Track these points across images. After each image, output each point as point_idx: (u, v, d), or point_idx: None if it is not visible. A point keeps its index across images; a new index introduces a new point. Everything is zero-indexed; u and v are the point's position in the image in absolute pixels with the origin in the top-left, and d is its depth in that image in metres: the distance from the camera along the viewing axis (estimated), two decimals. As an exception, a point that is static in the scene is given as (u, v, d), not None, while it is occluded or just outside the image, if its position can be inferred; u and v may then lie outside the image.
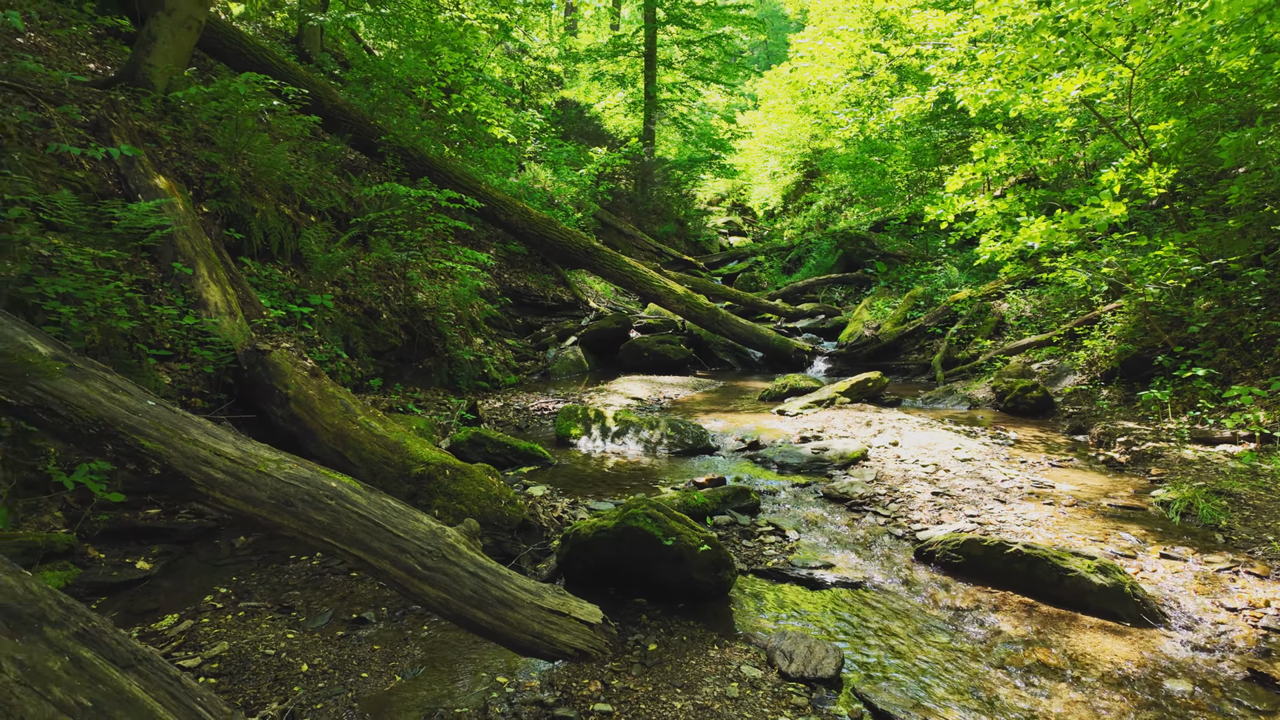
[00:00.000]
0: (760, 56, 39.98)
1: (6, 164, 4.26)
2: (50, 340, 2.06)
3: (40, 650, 1.10)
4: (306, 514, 2.00)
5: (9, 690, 1.05)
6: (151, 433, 1.99)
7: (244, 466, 2.04)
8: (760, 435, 6.41)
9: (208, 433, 2.10)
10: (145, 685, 1.16)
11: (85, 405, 1.95)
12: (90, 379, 2.01)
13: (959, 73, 7.34)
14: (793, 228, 21.82)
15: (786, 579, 3.72)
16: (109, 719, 1.09)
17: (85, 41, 8.23)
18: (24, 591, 1.15)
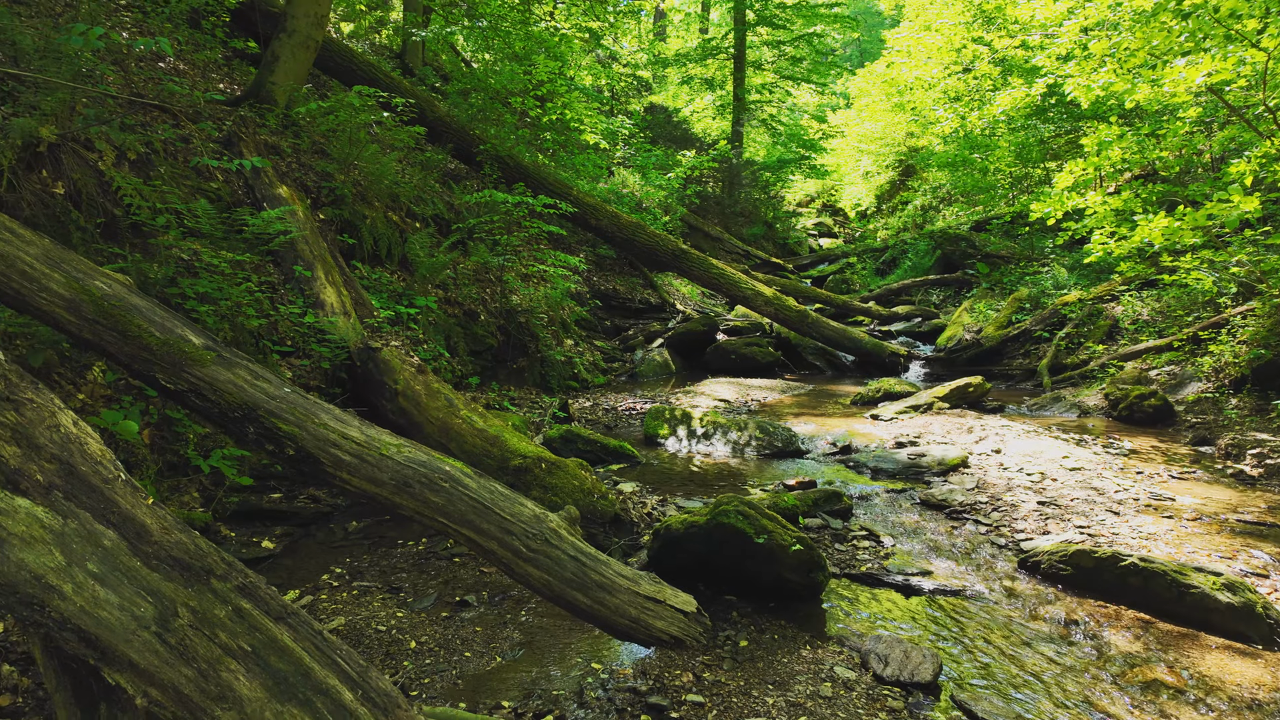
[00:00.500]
0: (853, 54, 39.09)
1: (154, 177, 4.70)
2: (201, 332, 2.29)
3: (208, 599, 1.24)
4: (423, 495, 2.14)
5: (184, 633, 1.20)
6: (288, 417, 2.18)
7: (368, 450, 2.21)
8: (852, 439, 6.29)
9: (336, 418, 2.28)
10: (294, 636, 1.29)
11: (231, 391, 2.16)
12: (235, 367, 2.22)
13: (1069, 63, 6.96)
14: (886, 228, 21.21)
15: (881, 584, 3.65)
16: (264, 662, 1.23)
17: (216, 64, 8.94)
18: (194, 548, 1.30)
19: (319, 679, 1.25)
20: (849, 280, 17.54)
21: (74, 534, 1.20)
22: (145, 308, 2.20)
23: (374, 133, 10.02)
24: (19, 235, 2.06)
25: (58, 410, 1.31)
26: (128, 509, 1.27)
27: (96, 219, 4.12)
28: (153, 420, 3.73)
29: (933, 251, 15.42)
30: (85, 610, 1.15)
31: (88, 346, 2.15)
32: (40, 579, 1.15)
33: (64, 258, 2.15)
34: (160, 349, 2.11)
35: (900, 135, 21.94)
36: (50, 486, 1.23)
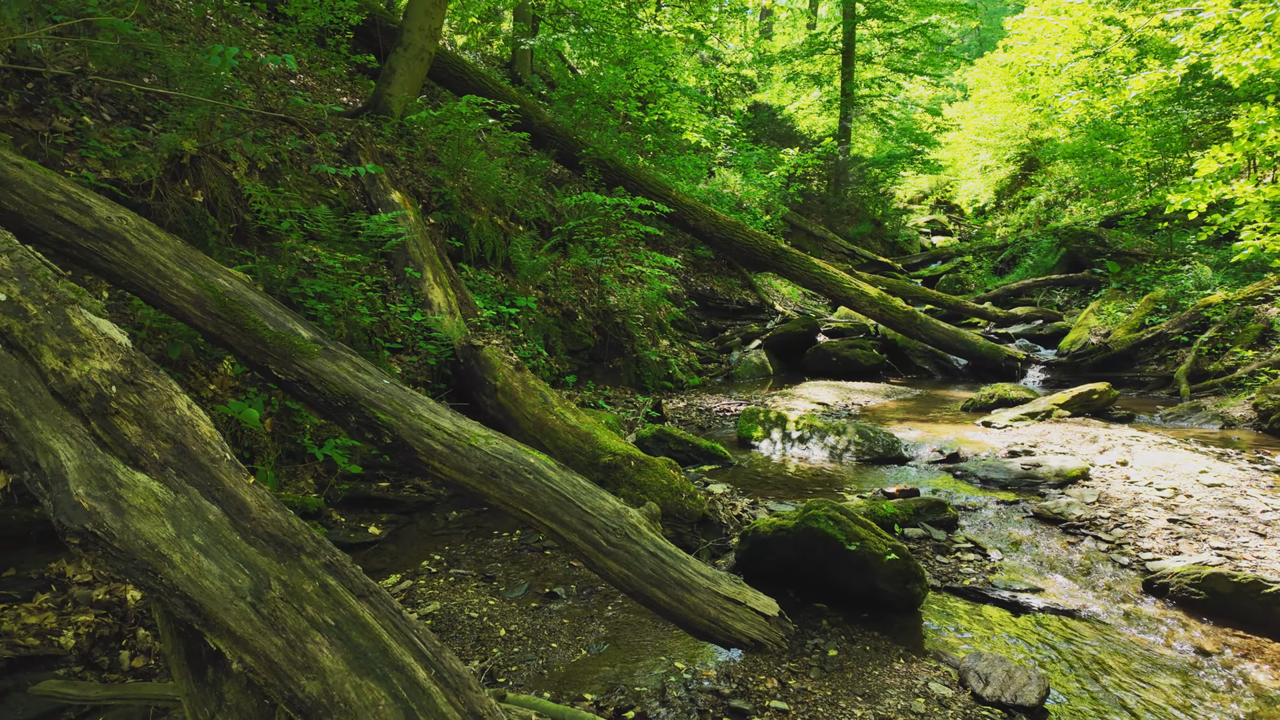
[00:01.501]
0: (972, 44, 37.17)
1: (280, 184, 5.07)
2: (310, 326, 2.46)
3: (298, 574, 1.33)
4: (509, 486, 2.21)
5: (275, 604, 1.29)
6: (385, 407, 2.31)
7: (458, 440, 2.29)
8: (961, 447, 5.98)
9: (430, 409, 2.39)
10: (374, 614, 1.36)
11: (335, 382, 2.30)
12: (340, 360, 2.37)
13: (1216, 40, 6.33)
14: (1006, 225, 20.03)
15: (985, 600, 3.45)
16: (346, 637, 1.30)
17: (339, 78, 9.53)
18: (288, 526, 1.40)
19: (396, 656, 1.31)
20: (963, 280, 16.69)
21: (183, 508, 1.31)
22: (260, 303, 2.38)
23: (482, 140, 10.43)
24: (155, 237, 2.28)
25: (174, 394, 1.44)
26: (231, 487, 1.38)
27: (230, 224, 4.49)
28: (274, 410, 4.02)
29: (1056, 249, 14.43)
30: (191, 579, 1.26)
31: (212, 339, 2.35)
32: (154, 548, 1.27)
33: (192, 257, 2.36)
34: (273, 341, 2.28)
35: (1022, 127, 20.64)
36: (165, 464, 1.35)
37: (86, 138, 3.95)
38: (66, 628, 2.50)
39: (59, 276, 1.49)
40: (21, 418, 1.33)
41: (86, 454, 1.31)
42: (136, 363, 1.43)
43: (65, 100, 4.07)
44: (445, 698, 1.27)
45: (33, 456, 1.31)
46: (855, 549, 2.98)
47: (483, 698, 1.33)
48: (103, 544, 1.26)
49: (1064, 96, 10.23)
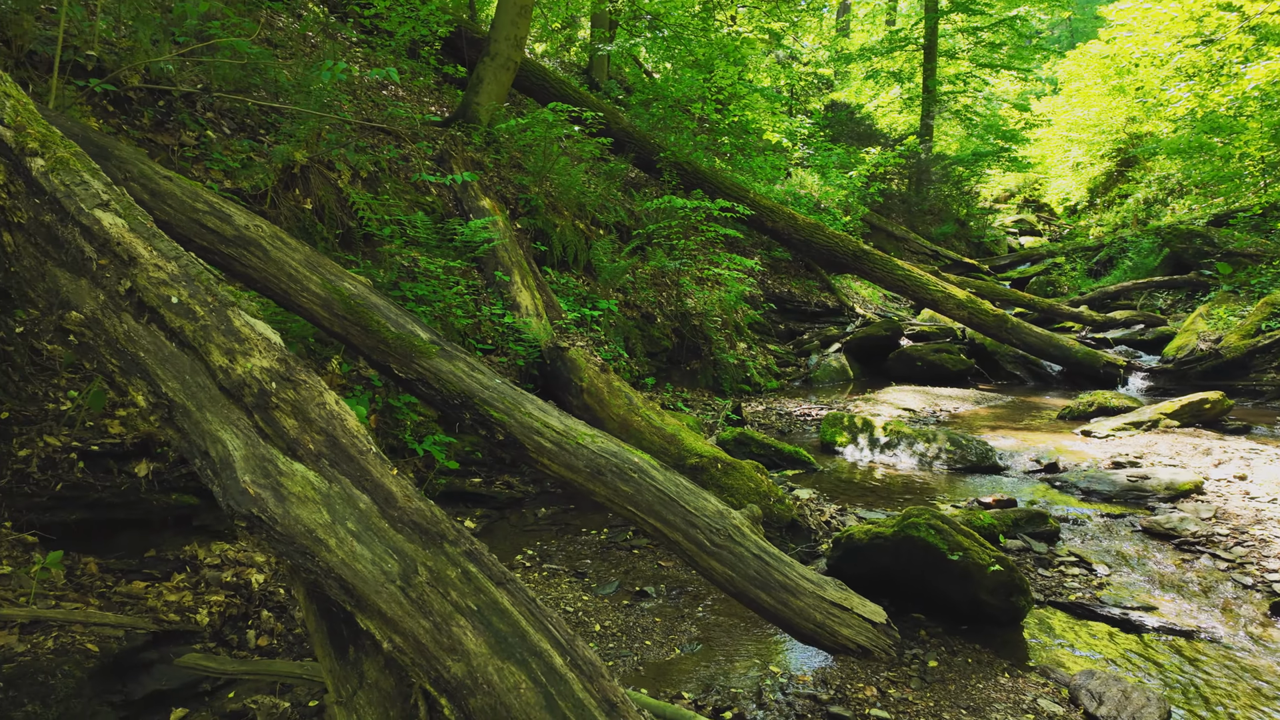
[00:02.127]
0: (1063, 36, 35.54)
1: (381, 192, 5.31)
2: (427, 328, 2.58)
3: (442, 561, 1.41)
4: (614, 484, 2.26)
5: (422, 589, 1.37)
6: (498, 405, 2.40)
7: (566, 438, 2.36)
8: (1059, 457, 5.73)
9: (539, 408, 2.47)
10: (512, 600, 1.42)
11: (452, 380, 2.41)
12: (455, 360, 2.48)
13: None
14: (1101, 225, 19.02)
15: (1093, 616, 3.30)
16: (487, 622, 1.36)
17: (429, 89, 9.87)
18: (430, 515, 1.48)
19: (534, 641, 1.37)
20: (1055, 282, 15.96)
21: (337, 496, 1.41)
22: (383, 306, 2.52)
23: (564, 146, 10.63)
24: (287, 243, 2.46)
25: (324, 390, 1.55)
26: (378, 477, 1.47)
27: (336, 230, 4.74)
28: (378, 408, 4.21)
29: (1158, 250, 13.62)
30: (345, 563, 1.35)
31: (337, 339, 2.50)
32: (311, 532, 1.37)
33: (320, 262, 2.52)
34: (394, 342, 2.41)
35: (1119, 121, 19.57)
36: (319, 454, 1.45)
37: (210, 150, 4.24)
38: (201, 606, 2.69)
39: (218, 280, 1.62)
40: (193, 410, 1.45)
41: (250, 444, 1.42)
42: (290, 360, 1.55)
43: (191, 116, 4.38)
44: (581, 684, 1.32)
45: (203, 446, 1.43)
46: (958, 559, 2.91)
47: (614, 686, 1.37)
48: (266, 528, 1.37)
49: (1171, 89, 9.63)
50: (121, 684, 2.21)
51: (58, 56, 3.17)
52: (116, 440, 2.64)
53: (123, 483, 2.64)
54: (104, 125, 3.72)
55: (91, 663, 2.08)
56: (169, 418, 1.48)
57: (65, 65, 3.82)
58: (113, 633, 2.17)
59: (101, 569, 2.49)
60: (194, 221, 2.31)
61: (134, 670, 2.33)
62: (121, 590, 2.46)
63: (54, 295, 1.52)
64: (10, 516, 2.33)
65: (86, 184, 1.59)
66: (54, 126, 1.72)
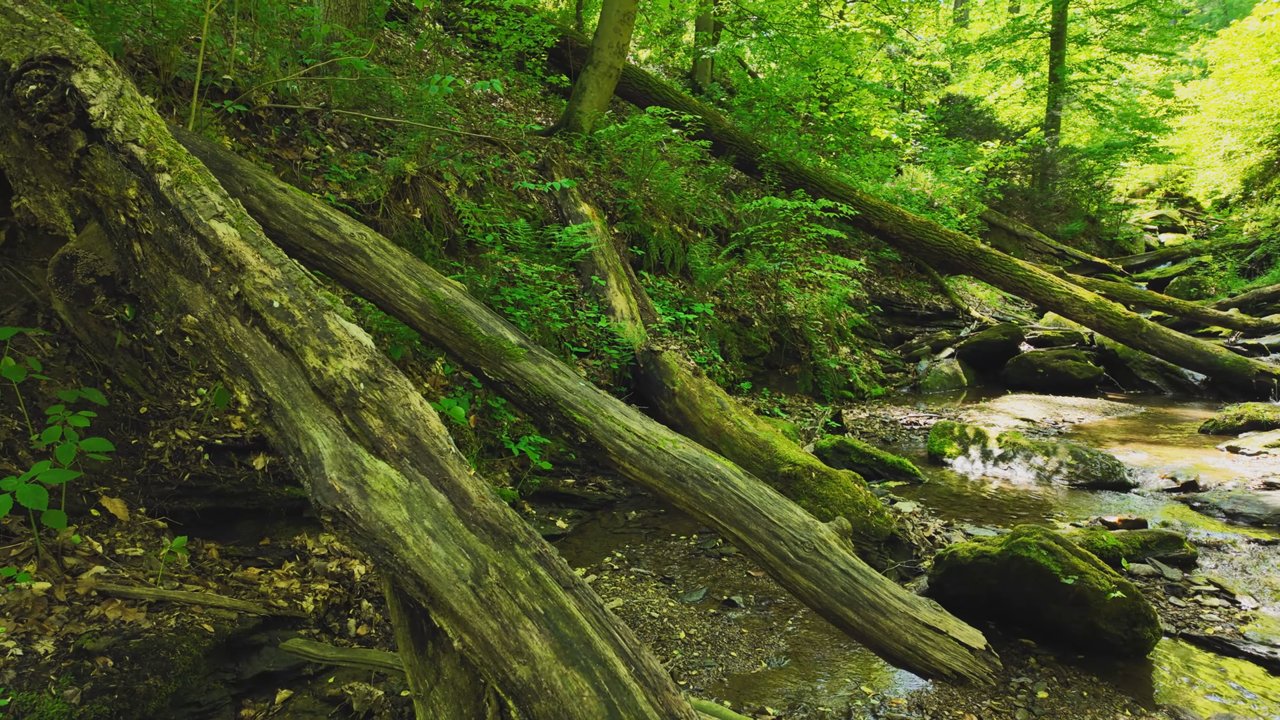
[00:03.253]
0: (1214, 13, 32.43)
1: (485, 200, 5.50)
2: (517, 331, 2.64)
3: (512, 563, 1.43)
4: (695, 490, 2.23)
5: (492, 589, 1.39)
6: (581, 408, 2.42)
7: (647, 443, 2.35)
8: (1199, 475, 5.20)
9: (621, 412, 2.48)
10: (579, 606, 1.42)
11: (538, 383, 2.46)
12: (542, 363, 2.53)
13: None
14: (1257, 220, 17.18)
15: (1234, 653, 2.96)
16: (553, 626, 1.37)
17: (535, 99, 10.16)
18: (503, 516, 1.51)
19: (599, 649, 1.36)
20: (1201, 283, 14.55)
21: (416, 494, 1.46)
22: (475, 310, 2.60)
23: (664, 150, 10.66)
24: (389, 250, 2.58)
25: (409, 392, 1.61)
26: (455, 477, 1.51)
27: (443, 238, 4.95)
28: (477, 408, 4.36)
29: (1327, 246, 12.17)
30: (421, 560, 1.40)
31: (432, 342, 2.61)
32: (391, 529, 1.42)
33: (418, 268, 2.64)
34: (484, 345, 2.48)
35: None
36: (401, 454, 1.51)
37: (329, 164, 4.52)
38: (307, 594, 2.86)
39: (318, 286, 1.72)
40: (288, 408, 1.55)
41: (339, 442, 1.50)
42: (379, 362, 1.62)
43: (313, 132, 4.69)
44: (644, 696, 1.30)
45: (296, 443, 1.52)
46: (1072, 583, 2.68)
47: (680, 700, 1.34)
48: (349, 523, 1.44)
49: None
50: (234, 663, 2.38)
51: (197, 82, 3.48)
52: (238, 435, 2.86)
53: (242, 475, 2.85)
54: (235, 143, 4.05)
55: (207, 642, 2.25)
56: (268, 415, 1.58)
57: (204, 89, 4.18)
58: (228, 615, 2.34)
59: (221, 555, 2.70)
60: (304, 230, 2.48)
61: (245, 651, 2.50)
62: (238, 575, 2.65)
63: (174, 300, 1.66)
64: (145, 503, 2.57)
65: (205, 196, 1.73)
66: (181, 144, 1.88)
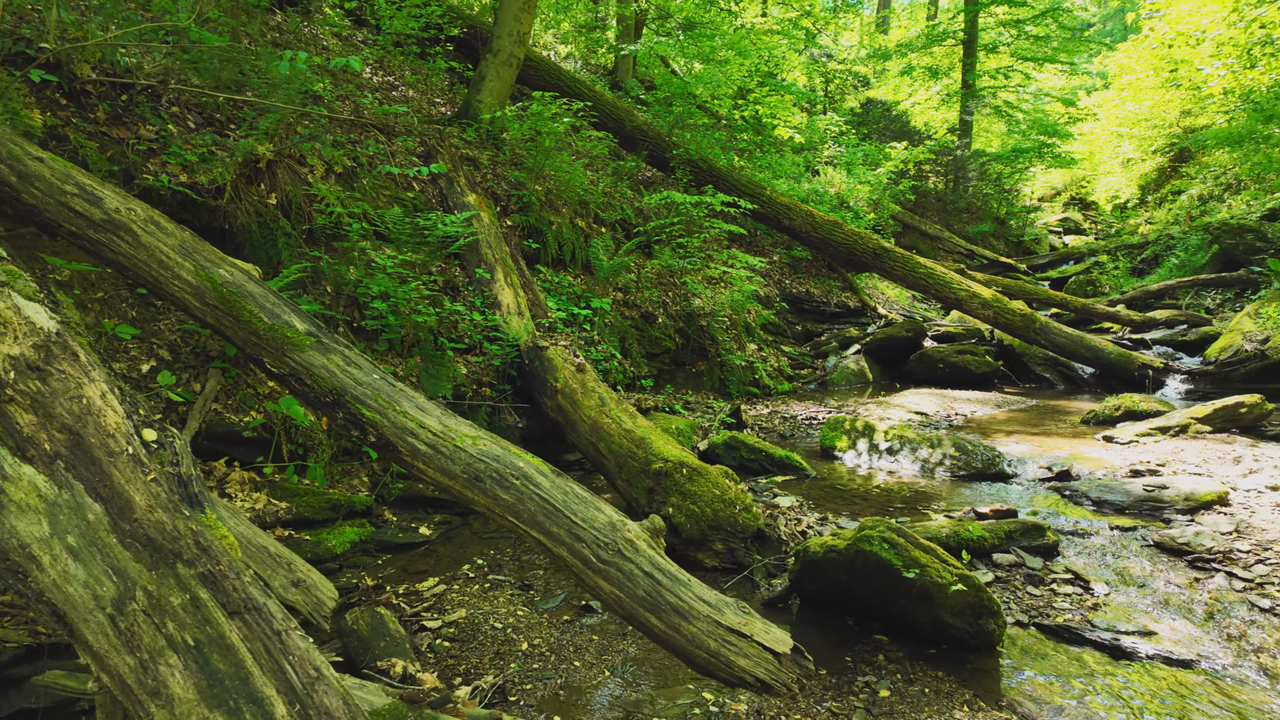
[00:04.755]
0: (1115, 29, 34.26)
1: (356, 187, 5.20)
2: (307, 318, 2.41)
3: (168, 585, 1.22)
4: (494, 491, 2.04)
5: (135, 618, 1.18)
6: (371, 403, 2.21)
7: (443, 440, 2.16)
8: (1074, 464, 5.33)
9: (418, 406, 2.27)
10: (245, 635, 1.22)
11: (324, 376, 2.23)
12: (331, 353, 2.30)
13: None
14: (1151, 223, 18.14)
15: (1081, 641, 2.97)
16: (205, 661, 1.17)
17: (440, 89, 9.79)
18: (171, 529, 1.29)
19: (255, 687, 1.16)
20: (1096, 282, 15.23)
21: (64, 505, 1.23)
22: (259, 294, 2.35)
23: (570, 144, 10.46)
24: (162, 228, 2.31)
25: (88, 382, 1.37)
26: (120, 483, 1.28)
27: (303, 226, 4.62)
28: (332, 407, 4.07)
29: (1207, 246, 12.88)
30: (57, 584, 1.17)
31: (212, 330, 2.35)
32: (26, 548, 1.19)
33: (198, 248, 2.37)
34: (266, 333, 2.24)
35: (1172, 115, 18.64)
36: (55, 455, 1.28)
37: (169, 144, 4.15)
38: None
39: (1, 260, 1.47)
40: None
41: (-30, 443, 1.26)
42: (54, 348, 1.37)
43: (154, 110, 4.31)
44: (305, 739, 1.11)
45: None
46: (913, 576, 2.61)
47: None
48: (-23, 540, 1.20)
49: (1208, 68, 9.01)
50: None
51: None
52: None
53: None
54: (49, 118, 3.66)
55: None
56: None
57: (15, 58, 3.78)
58: (-25, 644, 2.04)
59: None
60: (61, 205, 2.18)
61: (3, 685, 2.19)
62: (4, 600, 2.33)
63: None
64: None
65: None
66: None
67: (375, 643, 2.66)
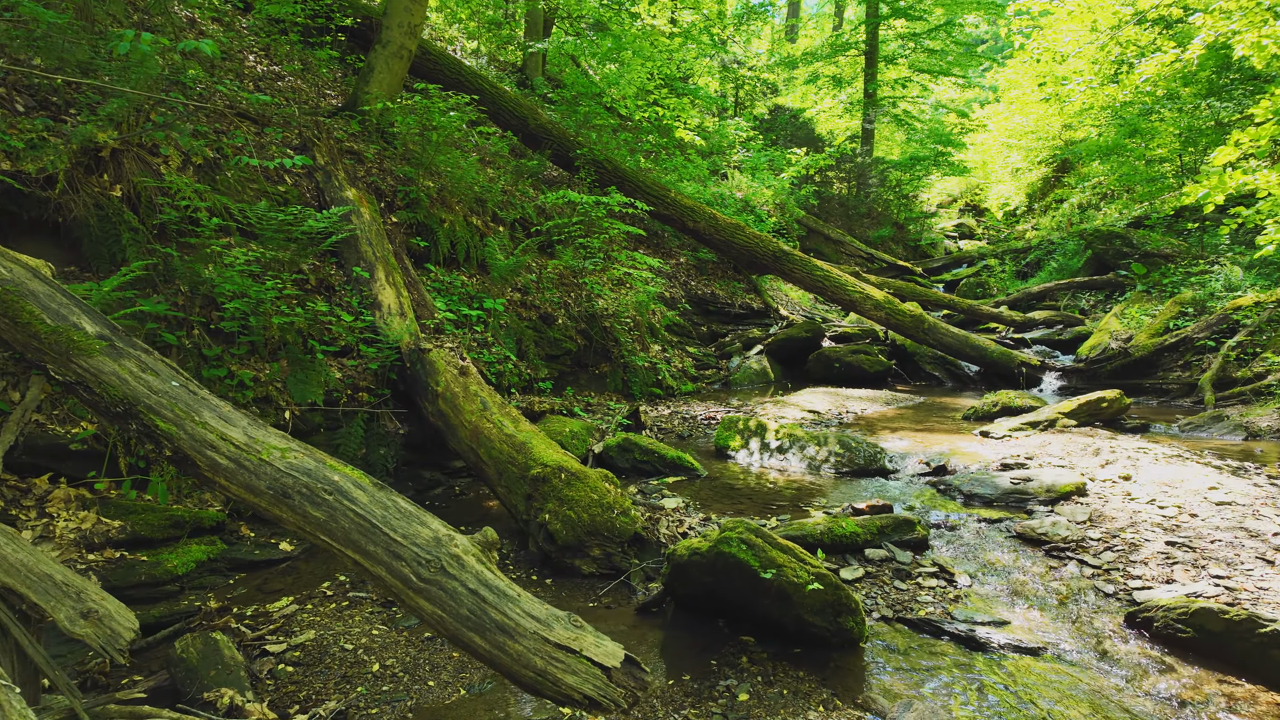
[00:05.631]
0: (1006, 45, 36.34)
1: (220, 179, 4.86)
2: (100, 320, 2.18)
3: None
4: (303, 508, 1.89)
5: None
6: (167, 414, 2.01)
7: (247, 453, 1.98)
8: (951, 459, 5.53)
9: (220, 417, 2.08)
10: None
11: (114, 384, 2.02)
12: (125, 358, 2.08)
13: (1233, 18, 5.78)
14: (1036, 230, 19.28)
15: (940, 634, 3.04)
16: None
17: (331, 81, 9.36)
18: None
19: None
20: (985, 284, 16.06)
21: None
22: (44, 293, 2.11)
23: (471, 139, 10.20)
24: None
25: None
26: None
27: (153, 220, 4.27)
28: (181, 416, 3.77)
29: (1082, 251, 13.77)
30: None
31: (-11, 334, 2.10)
32: None
33: (-30, 242, 2.12)
34: (49, 337, 2.00)
35: (1055, 128, 19.89)
36: None
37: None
38: None
39: None
40: None
41: None
42: None
43: (-27, 91, 3.89)
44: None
45: None
46: (770, 577, 2.60)
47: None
48: None
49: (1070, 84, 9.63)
50: None
51: None
52: None
53: None
54: None
55: None
56: None
57: None
58: None
59: None
60: None
61: None
62: None
63: None
64: None
65: None
66: None
67: (205, 672, 2.44)
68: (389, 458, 4.83)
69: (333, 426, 4.65)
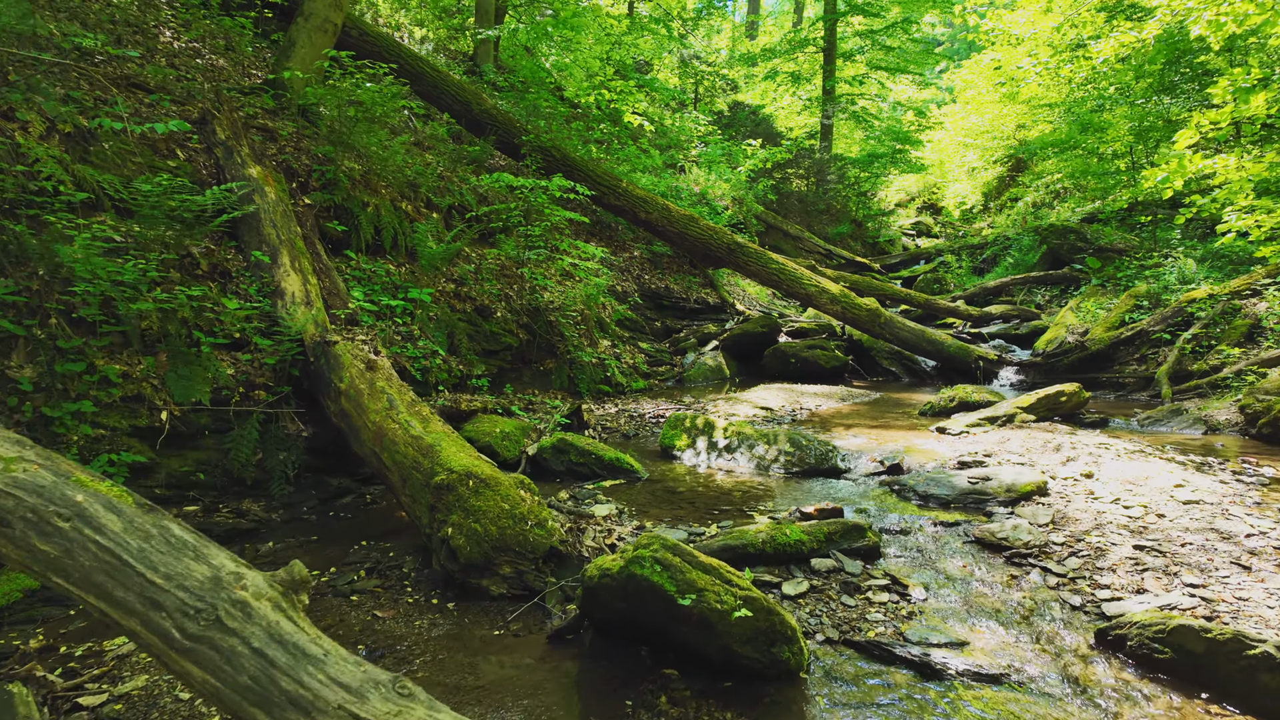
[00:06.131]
0: (962, 47, 36.70)
1: (95, 151, 4.29)
2: None
3: None
4: (27, 540, 1.43)
5: None
6: None
7: (-49, 466, 1.52)
8: (906, 457, 5.20)
9: None
10: None
11: None
12: None
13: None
14: (993, 227, 19.32)
15: (892, 659, 2.66)
16: None
17: (253, 58, 8.72)
18: None
19: None
20: (942, 280, 15.98)
21: None
22: None
23: (413, 126, 9.66)
24: None
25: None
26: None
27: (4, 194, 3.71)
28: (25, 418, 3.23)
29: (1037, 247, 13.72)
30: None
31: None
32: None
33: None
34: None
35: (1009, 128, 19.97)
36: None
37: None
38: None
39: None
40: None
41: None
42: None
43: None
44: None
45: None
46: (689, 603, 2.20)
47: None
48: None
49: (1024, 64, 9.45)
50: None
51: None
52: None
53: None
54: None
55: None
56: None
57: None
58: None
59: None
60: None
61: None
62: None
63: None
64: None
65: None
66: None
67: (-12, 736, 1.95)
68: (289, 463, 4.32)
69: (222, 429, 4.13)
